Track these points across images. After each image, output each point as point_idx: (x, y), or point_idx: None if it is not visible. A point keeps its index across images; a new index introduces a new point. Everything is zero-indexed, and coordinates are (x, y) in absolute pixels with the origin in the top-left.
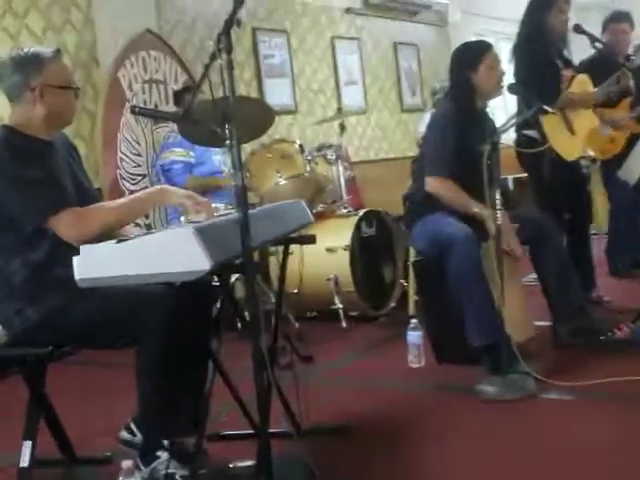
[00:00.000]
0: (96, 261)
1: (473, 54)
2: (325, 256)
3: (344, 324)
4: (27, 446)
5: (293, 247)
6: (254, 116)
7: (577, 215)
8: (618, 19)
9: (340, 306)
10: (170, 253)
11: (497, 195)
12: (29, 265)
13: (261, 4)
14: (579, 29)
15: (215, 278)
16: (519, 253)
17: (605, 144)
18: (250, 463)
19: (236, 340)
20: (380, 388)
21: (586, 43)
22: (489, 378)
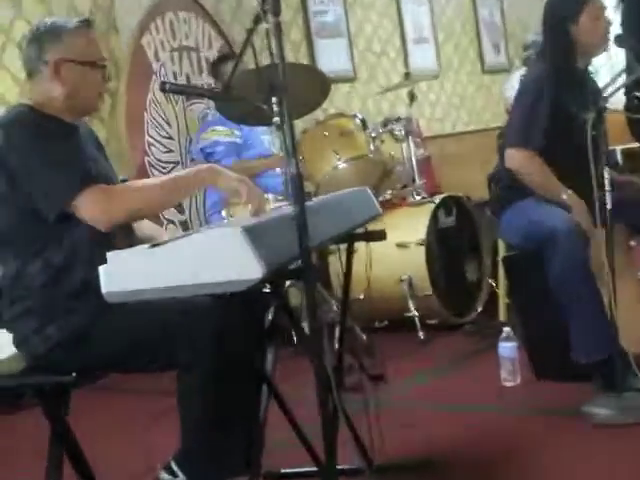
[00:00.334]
0: (126, 271)
1: (572, 1)
2: (396, 253)
3: (421, 335)
4: None
5: (357, 244)
6: (305, 86)
7: None
8: None
9: (415, 313)
10: (214, 259)
11: (605, 173)
12: (50, 268)
13: None
14: None
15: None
16: None
17: None
18: None
19: (292, 357)
20: (467, 412)
21: None
22: (601, 398)
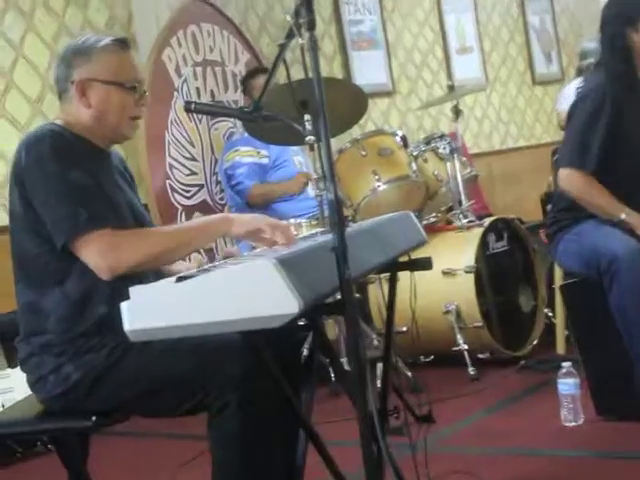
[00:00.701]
0: (150, 307)
1: (633, 6)
2: (442, 282)
3: (471, 371)
4: None
5: (400, 272)
6: (340, 102)
7: None
8: None
9: (464, 347)
10: (246, 294)
11: None
12: (68, 301)
13: None
14: None
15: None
16: None
17: None
18: None
19: (330, 397)
20: (524, 456)
21: None
22: None
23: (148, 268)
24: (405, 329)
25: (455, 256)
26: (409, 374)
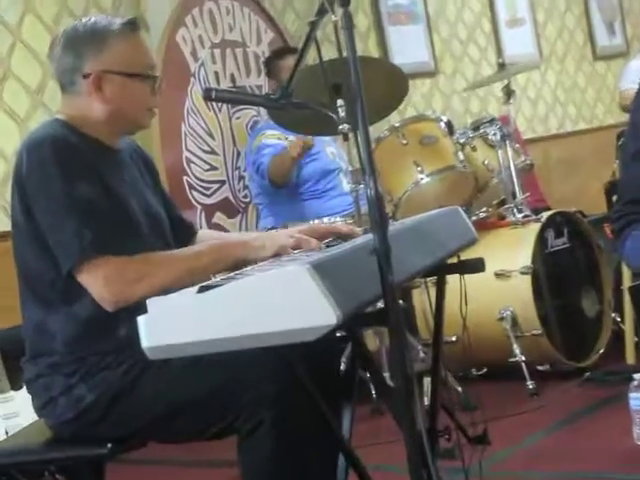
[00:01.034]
0: (170, 321)
1: None
2: (495, 285)
3: (529, 385)
4: None
5: (448, 276)
6: (376, 85)
7: None
8: None
9: (521, 358)
10: (277, 304)
11: None
12: (77, 320)
13: None
14: None
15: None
16: None
17: None
18: None
19: (372, 416)
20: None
21: None
22: None
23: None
24: (454, 339)
25: (509, 256)
26: (460, 389)
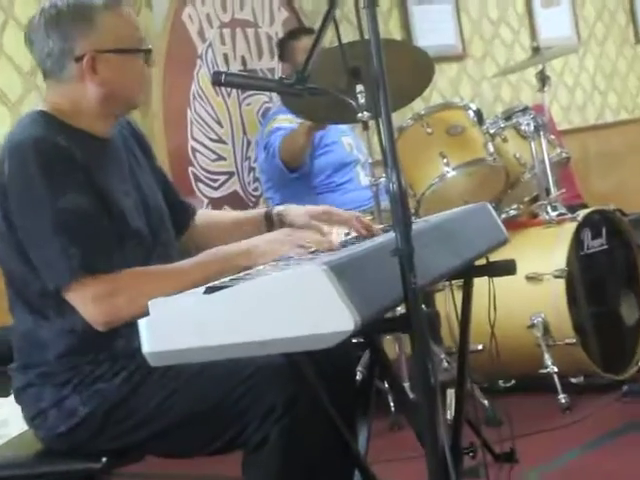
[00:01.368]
0: (175, 324)
1: None
2: (526, 289)
3: (562, 398)
4: None
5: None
6: (399, 69)
7: None
8: None
9: (554, 369)
10: (290, 307)
11: None
12: (71, 333)
13: None
14: None
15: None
16: None
17: None
18: None
19: (391, 431)
20: None
21: None
22: None
23: None
24: (481, 347)
25: (542, 257)
26: (486, 403)
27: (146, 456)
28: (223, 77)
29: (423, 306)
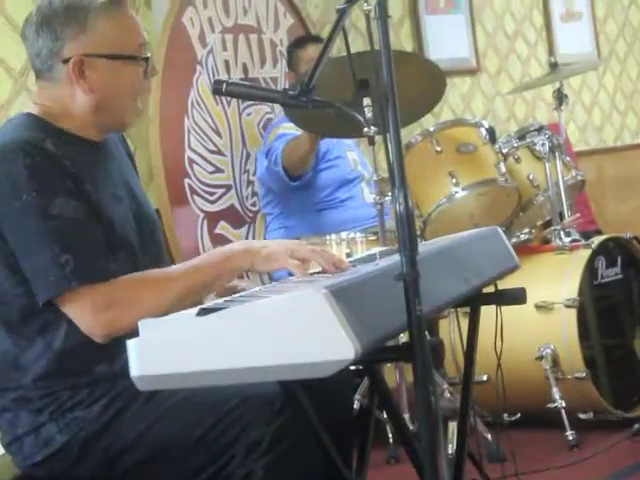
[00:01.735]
0: (165, 347)
1: None
2: (535, 318)
3: (569, 435)
4: None
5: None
6: (409, 83)
7: None
8: None
9: (562, 403)
10: (287, 333)
11: None
12: (52, 353)
13: None
14: None
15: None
16: None
17: None
18: None
19: (388, 464)
20: None
21: None
22: None
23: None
24: (485, 378)
25: (553, 286)
26: (489, 437)
27: None
28: (224, 86)
29: (427, 334)
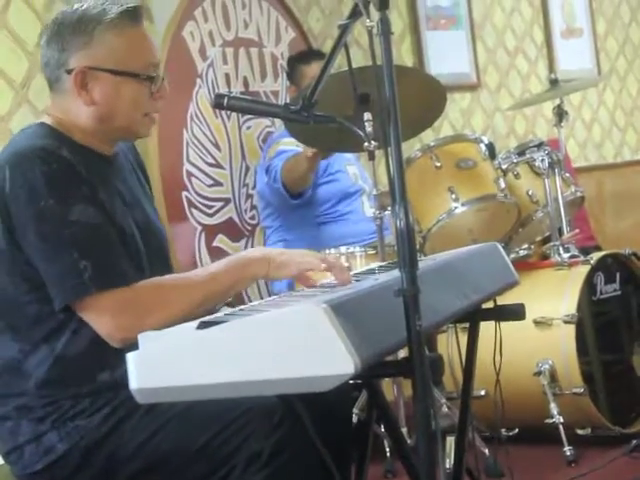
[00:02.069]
0: (165, 360)
1: None
2: (533, 334)
3: (567, 451)
4: None
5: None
6: (410, 98)
7: None
8: None
9: (559, 419)
10: (286, 347)
11: None
12: (57, 360)
13: None
14: None
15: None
16: None
17: None
18: None
19: (383, 477)
20: None
21: None
22: None
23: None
24: (483, 393)
25: (551, 301)
26: (487, 452)
27: None
28: (226, 100)
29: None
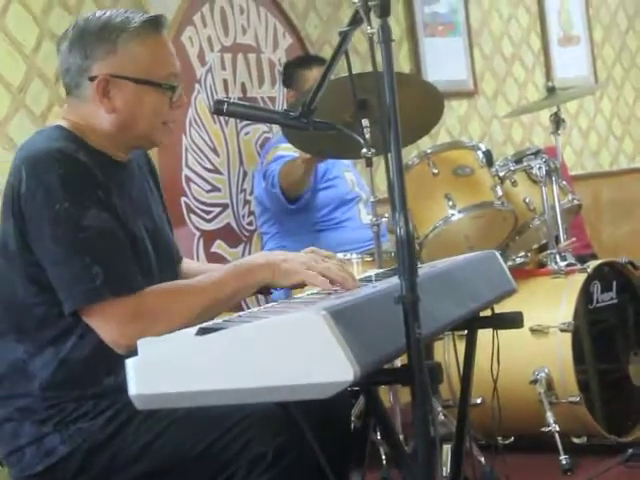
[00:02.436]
0: (164, 366)
1: None
2: (529, 342)
3: (563, 459)
4: None
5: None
6: (407, 105)
7: None
8: None
9: (555, 427)
10: (285, 354)
11: None
12: (62, 362)
13: None
14: None
15: None
16: None
17: None
18: None
19: None
20: None
21: None
22: None
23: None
24: (479, 401)
25: (548, 309)
26: (482, 460)
27: None
28: (226, 106)
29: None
